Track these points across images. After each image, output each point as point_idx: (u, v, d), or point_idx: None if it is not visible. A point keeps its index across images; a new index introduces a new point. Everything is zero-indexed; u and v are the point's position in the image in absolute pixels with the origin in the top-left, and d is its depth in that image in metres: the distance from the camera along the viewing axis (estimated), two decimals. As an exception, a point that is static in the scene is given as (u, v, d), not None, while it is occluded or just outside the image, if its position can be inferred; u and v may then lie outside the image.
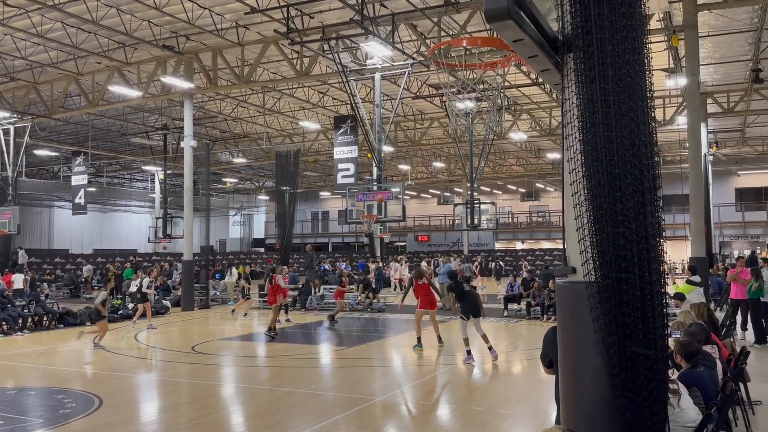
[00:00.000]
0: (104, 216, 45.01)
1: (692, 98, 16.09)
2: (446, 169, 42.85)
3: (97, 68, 21.99)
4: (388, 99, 24.41)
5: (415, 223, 50.29)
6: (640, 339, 3.23)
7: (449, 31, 17.72)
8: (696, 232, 15.72)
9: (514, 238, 49.17)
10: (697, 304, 7.99)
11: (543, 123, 29.44)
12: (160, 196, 31.55)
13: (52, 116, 24.60)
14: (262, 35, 19.14)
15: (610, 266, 3.24)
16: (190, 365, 11.72)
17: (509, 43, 3.38)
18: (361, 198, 19.85)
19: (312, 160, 36.63)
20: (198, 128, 29.96)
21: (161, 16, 17.48)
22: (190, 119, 22.27)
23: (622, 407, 3.23)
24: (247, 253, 53.09)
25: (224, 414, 8.42)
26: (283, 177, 26.37)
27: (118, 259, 33.83)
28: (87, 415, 7.92)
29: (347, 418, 7.92)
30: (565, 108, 3.52)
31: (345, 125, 21.16)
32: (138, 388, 10.14)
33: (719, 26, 18.03)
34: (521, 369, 11.26)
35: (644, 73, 3.40)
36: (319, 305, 21.36)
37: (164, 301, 21.37)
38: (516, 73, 21.65)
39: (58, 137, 33.13)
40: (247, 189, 53.57)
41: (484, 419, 7.87)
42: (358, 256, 42.83)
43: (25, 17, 17.08)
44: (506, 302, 18.92)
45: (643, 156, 3.31)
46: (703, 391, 5.03)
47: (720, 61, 21.29)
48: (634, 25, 3.34)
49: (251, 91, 25.29)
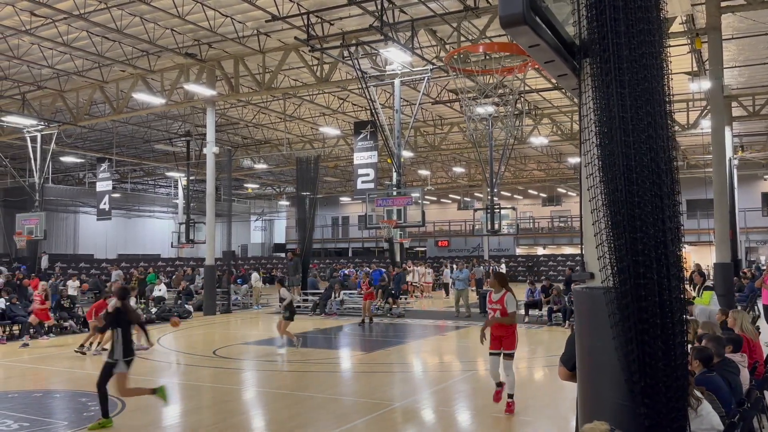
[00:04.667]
0: (128, 221, 45.65)
1: (716, 101, 15.88)
2: (466, 174, 42.73)
3: (122, 76, 22.37)
4: (407, 104, 24.46)
5: (435, 229, 50.17)
6: (659, 345, 3.20)
7: (469, 36, 17.71)
8: (721, 237, 15.47)
9: (536, 244, 48.82)
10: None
11: (564, 127, 29.23)
12: (183, 202, 31.93)
13: (78, 123, 25.05)
14: (283, 42, 19.31)
15: (628, 272, 3.22)
16: (211, 369, 11.83)
17: (525, 48, 3.38)
18: (380, 203, 19.89)
19: (332, 165, 36.79)
20: (220, 135, 30.28)
21: (184, 24, 17.73)
22: (213, 126, 22.53)
23: (642, 414, 3.20)
24: (268, 258, 53.43)
25: (244, 418, 8.48)
26: (304, 182, 26.52)
27: (142, 264, 34.25)
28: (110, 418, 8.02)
29: (366, 423, 7.93)
30: (582, 113, 3.51)
31: (365, 131, 21.24)
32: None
33: (743, 28, 17.78)
34: (542, 376, 11.17)
35: (662, 77, 3.38)
36: (339, 310, 21.41)
37: (187, 305, 21.60)
38: (537, 77, 21.55)
39: (83, 144, 33.71)
40: (268, 195, 53.94)
41: (504, 426, 7.83)
42: (379, 261, 42.90)
43: (51, 27, 17.44)
44: (527, 308, 18.78)
45: (661, 161, 3.28)
46: (718, 396, 4.98)
47: (745, 63, 20.99)
48: (652, 30, 3.32)
49: (272, 97, 25.50)
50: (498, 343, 8.28)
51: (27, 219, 25.04)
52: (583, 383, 3.59)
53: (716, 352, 5.56)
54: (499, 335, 8.27)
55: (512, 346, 8.30)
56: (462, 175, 43.19)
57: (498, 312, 8.22)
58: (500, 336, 8.27)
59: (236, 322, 19.89)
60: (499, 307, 8.20)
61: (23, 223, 25.02)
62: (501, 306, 8.19)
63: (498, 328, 8.24)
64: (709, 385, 5.11)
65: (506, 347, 8.24)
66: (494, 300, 8.31)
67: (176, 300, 22.77)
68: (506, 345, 8.24)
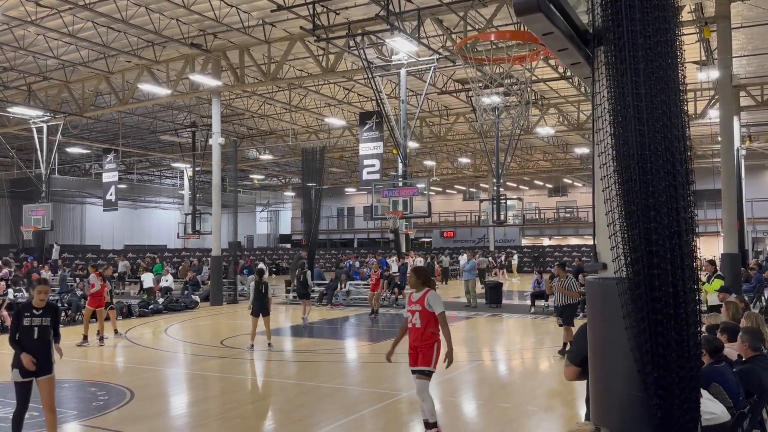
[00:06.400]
0: (134, 212, 45.79)
1: (724, 91, 15.78)
2: (472, 164, 42.63)
3: (127, 67, 22.35)
4: (413, 95, 24.37)
5: (440, 219, 50.14)
6: (672, 336, 3.17)
7: (475, 25, 17.60)
8: (728, 227, 15.42)
9: (541, 234, 48.74)
10: (734, 302, 7.79)
11: (571, 117, 29.08)
12: (189, 193, 31.98)
13: (84, 114, 25.06)
14: (289, 32, 19.24)
15: (641, 262, 3.19)
16: (218, 359, 11.88)
17: (539, 36, 3.34)
18: (386, 194, 19.86)
19: (337, 156, 36.75)
20: (225, 125, 30.27)
21: (189, 14, 17.68)
22: (218, 117, 22.52)
23: (654, 405, 3.18)
24: (274, 249, 53.56)
25: (251, 408, 8.52)
26: (309, 173, 26.50)
27: (149, 255, 34.40)
28: (119, 408, 8.08)
29: (373, 413, 7.95)
30: (595, 102, 3.47)
31: (370, 121, 21.19)
32: (168, 382, 10.31)
33: (753, 17, 17.61)
34: (548, 366, 11.17)
35: (677, 65, 3.33)
36: (345, 301, 21.45)
37: (193, 296, 21.69)
38: (543, 67, 21.42)
39: (89, 135, 33.76)
40: (274, 185, 53.99)
41: (511, 416, 7.84)
42: (384, 252, 42.94)
43: (57, 17, 17.42)
44: (533, 299, 18.78)
45: (675, 150, 3.24)
46: (725, 388, 4.96)
47: (754, 52, 20.80)
48: (666, 17, 3.27)
49: (277, 88, 25.45)
50: (415, 357, 6.41)
51: (34, 210, 25.14)
52: (594, 374, 3.57)
53: (751, 345, 5.46)
54: (415, 346, 6.42)
55: (428, 362, 6.33)
56: (468, 166, 43.11)
57: (417, 315, 6.39)
58: (417, 347, 6.41)
59: (243, 313, 19.93)
60: (419, 309, 6.38)
61: (30, 214, 25.13)
62: (421, 307, 6.38)
63: (415, 336, 6.39)
64: (717, 376, 5.09)
65: (421, 362, 6.36)
66: (414, 300, 6.47)
67: (183, 290, 22.87)
68: (421, 360, 6.35)
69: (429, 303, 6.34)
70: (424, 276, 6.58)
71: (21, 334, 5.95)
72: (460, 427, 7.56)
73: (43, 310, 6.01)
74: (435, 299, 6.39)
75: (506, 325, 16.73)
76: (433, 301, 6.36)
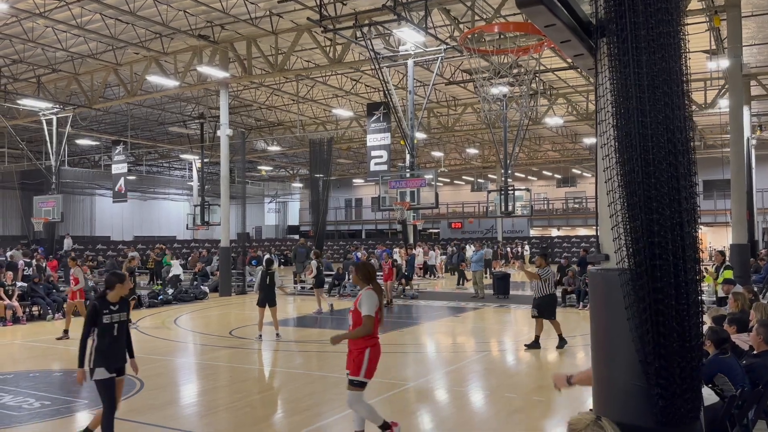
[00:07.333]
0: (144, 204, 46.05)
1: (734, 80, 15.65)
2: (480, 155, 42.52)
3: (135, 59, 22.42)
4: (420, 85, 24.31)
5: (448, 210, 50.11)
6: (673, 326, 3.19)
7: (483, 15, 17.52)
8: (737, 218, 15.35)
9: (550, 225, 48.63)
10: (742, 293, 7.78)
11: (580, 107, 28.92)
12: (198, 184, 32.12)
13: (93, 106, 25.20)
14: (296, 23, 19.22)
15: (643, 253, 3.21)
16: (227, 349, 11.99)
17: (541, 28, 3.35)
18: (394, 185, 19.88)
19: (345, 147, 36.77)
20: (233, 117, 30.32)
21: (196, 5, 17.70)
22: (226, 108, 22.58)
23: (656, 395, 3.21)
24: (282, 240, 53.74)
25: (260, 397, 8.60)
26: (317, 164, 26.56)
27: (158, 246, 34.60)
28: (129, 397, 8.17)
29: (381, 402, 8.01)
30: (598, 93, 3.47)
31: (378, 112, 21.18)
32: (177, 371, 10.43)
33: (763, 5, 17.42)
34: (555, 356, 11.20)
35: (680, 57, 3.33)
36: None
37: (203, 286, 21.84)
38: (552, 56, 21.31)
39: (98, 127, 33.94)
40: (282, 177, 54.10)
41: (517, 406, 7.88)
42: (392, 243, 42.98)
43: (65, 9, 17.49)
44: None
45: (678, 142, 3.25)
46: (730, 378, 4.97)
47: (764, 41, 20.59)
48: (669, 9, 3.27)
49: (285, 79, 25.46)
50: (348, 361, 5.86)
51: (44, 201, 25.35)
52: (597, 364, 3.60)
53: (766, 338, 5.43)
54: (349, 349, 5.86)
55: (357, 370, 5.67)
56: (476, 157, 43.01)
57: (350, 315, 5.88)
58: (350, 350, 5.84)
59: (251, 303, 20.05)
60: (353, 308, 5.87)
61: (40, 206, 25.34)
62: (354, 306, 5.83)
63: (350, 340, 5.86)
64: (722, 366, 5.11)
65: (350, 370, 5.77)
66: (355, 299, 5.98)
67: (192, 281, 23.03)
68: (351, 366, 5.77)
69: (360, 302, 5.75)
70: (366, 272, 5.95)
71: (101, 331, 5.66)
72: (467, 416, 7.62)
73: (119, 305, 5.78)
74: (367, 299, 5.73)
75: (514, 316, 16.76)
76: (364, 301, 5.73)
